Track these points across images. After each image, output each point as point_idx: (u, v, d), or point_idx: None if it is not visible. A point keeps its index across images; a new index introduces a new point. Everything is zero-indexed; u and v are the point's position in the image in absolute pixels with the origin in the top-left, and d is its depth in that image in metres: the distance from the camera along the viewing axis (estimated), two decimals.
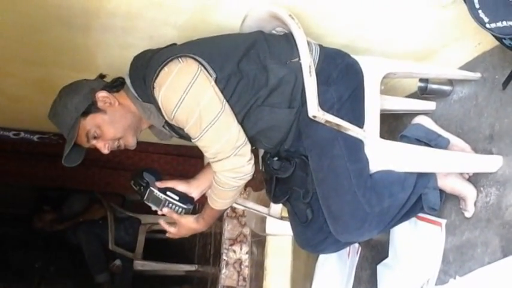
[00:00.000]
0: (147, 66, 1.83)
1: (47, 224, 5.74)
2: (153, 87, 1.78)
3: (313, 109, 1.82)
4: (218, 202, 1.99)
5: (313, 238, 2.12)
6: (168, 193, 1.99)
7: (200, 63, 1.80)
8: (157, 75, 1.77)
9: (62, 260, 6.20)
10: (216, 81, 1.80)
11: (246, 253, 4.43)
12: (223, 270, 4.39)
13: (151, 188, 1.99)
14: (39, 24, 2.08)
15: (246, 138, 1.86)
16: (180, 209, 1.99)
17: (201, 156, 2.55)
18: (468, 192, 2.08)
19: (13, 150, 3.84)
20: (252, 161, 1.88)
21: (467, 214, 2.10)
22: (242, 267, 4.42)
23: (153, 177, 2.02)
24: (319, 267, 3.15)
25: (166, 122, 1.89)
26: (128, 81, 1.92)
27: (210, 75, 1.79)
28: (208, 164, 2.20)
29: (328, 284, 3.07)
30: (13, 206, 6.40)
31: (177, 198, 1.99)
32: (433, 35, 2.22)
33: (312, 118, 1.83)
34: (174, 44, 1.97)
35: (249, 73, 1.84)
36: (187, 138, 1.94)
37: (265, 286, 3.96)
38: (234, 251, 4.42)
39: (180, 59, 1.79)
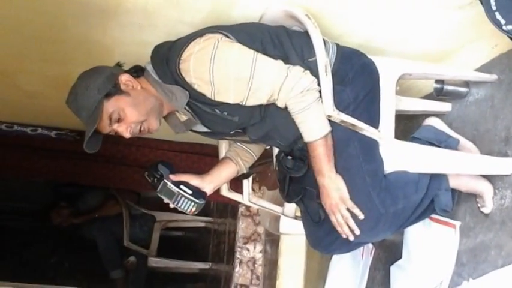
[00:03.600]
0: (170, 50, 1.83)
1: (64, 218, 5.78)
2: (179, 64, 1.78)
3: (329, 109, 1.82)
4: (311, 131, 1.86)
5: (324, 238, 2.12)
6: (182, 187, 1.99)
7: (224, 34, 1.80)
8: (182, 53, 1.77)
9: (77, 255, 6.23)
10: None
11: (260, 252, 4.43)
12: (237, 269, 4.39)
13: (165, 180, 1.99)
14: (56, 22, 2.09)
15: (289, 64, 1.82)
16: (192, 203, 1.99)
17: (215, 154, 2.56)
18: (484, 187, 2.08)
19: (30, 146, 3.86)
20: (308, 71, 1.82)
21: (486, 210, 2.08)
22: (256, 265, 4.41)
23: (168, 170, 2.02)
24: (332, 267, 3.16)
25: (188, 103, 1.86)
26: (149, 67, 1.92)
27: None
28: (222, 160, 2.21)
29: (342, 284, 3.07)
30: (28, 201, 6.43)
31: (190, 192, 1.99)
32: (449, 36, 2.20)
33: (327, 118, 1.83)
34: None
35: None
36: (206, 122, 1.95)
37: (279, 285, 3.96)
38: (248, 250, 4.42)
39: (202, 36, 1.80)
